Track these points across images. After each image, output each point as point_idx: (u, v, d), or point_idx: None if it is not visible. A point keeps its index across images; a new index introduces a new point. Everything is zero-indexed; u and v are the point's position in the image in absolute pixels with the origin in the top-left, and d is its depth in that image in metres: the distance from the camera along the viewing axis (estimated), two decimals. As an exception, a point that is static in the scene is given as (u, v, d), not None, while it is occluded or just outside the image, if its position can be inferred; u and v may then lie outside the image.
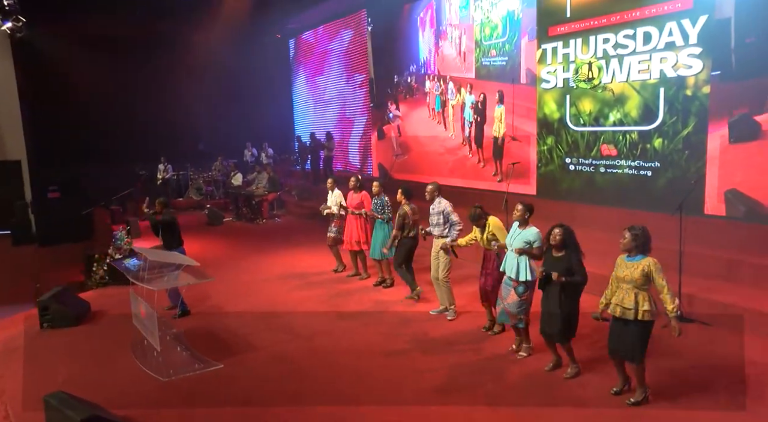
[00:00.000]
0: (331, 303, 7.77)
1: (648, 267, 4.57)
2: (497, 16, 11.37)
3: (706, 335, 6.11)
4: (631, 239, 4.66)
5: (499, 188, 10.90)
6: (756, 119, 7.37)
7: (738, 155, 7.64)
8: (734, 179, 7.70)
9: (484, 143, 11.81)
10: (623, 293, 4.65)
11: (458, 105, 12.53)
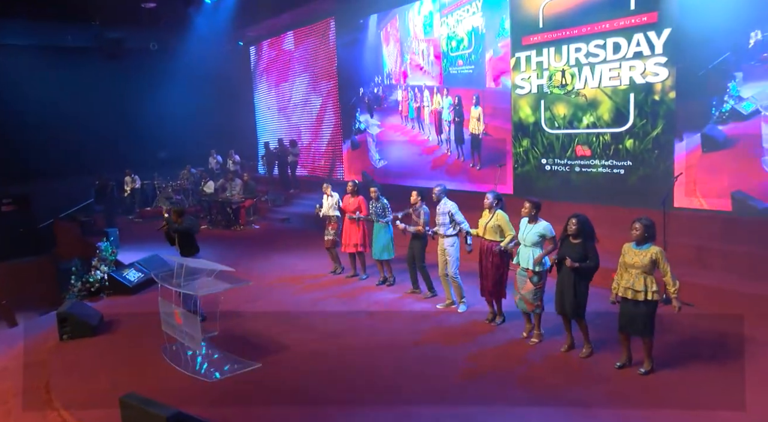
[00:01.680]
0: (344, 303, 8.17)
1: (656, 255, 5.25)
2: (463, 30, 12.23)
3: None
4: (644, 231, 5.32)
5: (480, 187, 11.54)
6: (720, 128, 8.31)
7: (701, 157, 8.54)
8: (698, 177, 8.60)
9: (464, 140, 12.53)
10: (633, 277, 5.31)
11: (434, 110, 13.14)
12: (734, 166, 8.17)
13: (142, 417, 4.63)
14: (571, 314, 5.77)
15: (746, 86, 7.98)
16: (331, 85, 16.88)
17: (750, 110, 7.92)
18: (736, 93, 8.08)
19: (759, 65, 7.88)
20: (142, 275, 9.78)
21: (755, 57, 7.91)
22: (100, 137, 18.86)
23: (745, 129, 8.02)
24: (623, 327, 5.49)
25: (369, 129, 15.29)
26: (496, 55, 11.48)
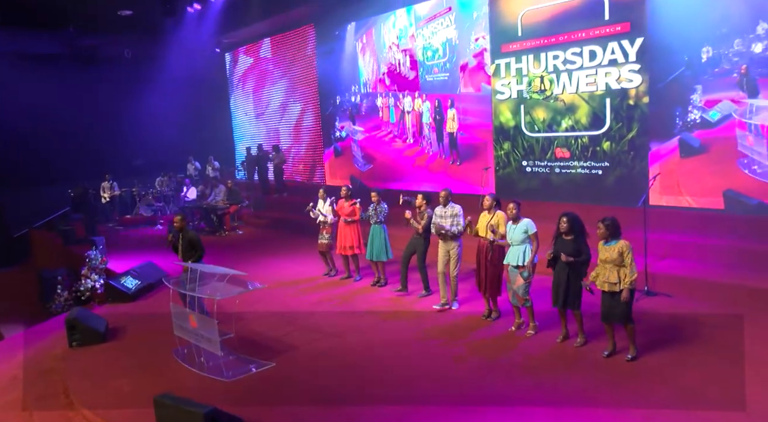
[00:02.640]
0: (343, 304, 8.50)
1: (622, 248, 5.76)
2: (438, 41, 12.84)
3: (668, 303, 7.42)
4: (605, 230, 5.84)
5: (460, 183, 11.98)
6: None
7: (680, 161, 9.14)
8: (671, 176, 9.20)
9: (444, 139, 13.07)
10: (608, 271, 5.81)
11: (414, 114, 13.58)
12: (713, 168, 8.76)
13: (178, 414, 4.90)
14: (571, 306, 6.21)
15: (706, 98, 8.67)
16: (310, 91, 17.16)
17: (717, 118, 8.58)
18: (699, 103, 8.73)
19: (712, 79, 8.59)
20: (139, 282, 9.92)
21: (708, 72, 8.61)
22: (74, 145, 18.75)
23: (717, 134, 8.65)
24: (605, 316, 5.96)
25: (353, 135, 15.63)
26: (470, 64, 12.11)
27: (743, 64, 8.24)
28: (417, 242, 8.33)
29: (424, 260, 8.37)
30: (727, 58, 8.45)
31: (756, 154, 8.23)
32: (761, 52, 8.11)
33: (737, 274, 7.61)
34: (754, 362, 5.61)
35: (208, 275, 6.82)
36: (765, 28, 8.05)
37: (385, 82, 14.43)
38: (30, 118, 18.09)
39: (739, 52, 8.32)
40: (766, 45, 8.06)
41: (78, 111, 19.14)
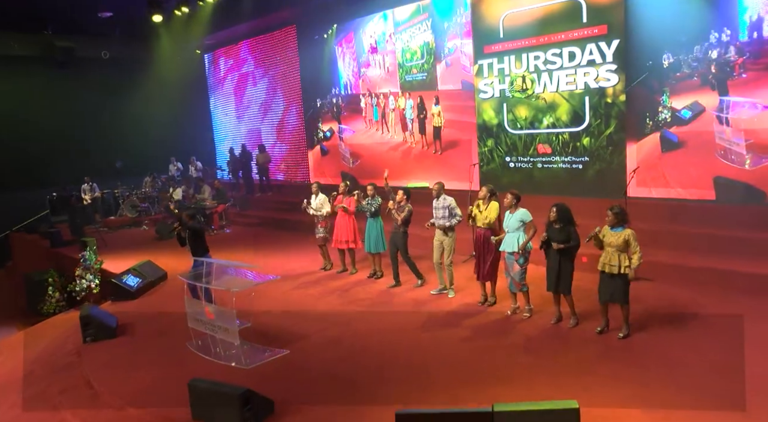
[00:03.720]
0: (343, 296, 8.89)
1: (628, 236, 6.29)
2: (416, 45, 13.49)
3: (650, 287, 8.00)
4: (614, 217, 6.36)
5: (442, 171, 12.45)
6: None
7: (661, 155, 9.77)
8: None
9: (426, 131, 13.65)
10: (610, 254, 6.34)
11: (398, 111, 14.07)
12: (694, 160, 9.42)
13: (214, 397, 5.25)
14: (563, 290, 6.73)
15: (674, 99, 9.43)
16: (293, 91, 17.47)
17: (688, 116, 9.29)
18: (668, 104, 9.45)
19: (675, 83, 9.38)
20: (140, 280, 10.14)
21: (670, 76, 9.38)
22: (52, 148, 18.70)
23: (692, 130, 9.36)
24: (604, 297, 6.50)
25: (339, 134, 16.00)
26: (446, 65, 12.83)
27: (712, 65, 8.90)
28: (397, 237, 8.77)
29: (406, 252, 8.81)
30: (687, 63, 9.22)
31: (734, 145, 8.89)
32: (717, 57, 8.90)
33: (708, 259, 8.26)
34: (730, 333, 6.22)
35: (220, 269, 7.15)
36: (716, 36, 8.87)
37: (366, 82, 14.85)
38: (5, 121, 18.01)
39: (697, 57, 9.11)
40: (719, 52, 8.86)
41: (56, 114, 19.09)
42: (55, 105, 19.24)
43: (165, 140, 19.96)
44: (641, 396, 5.19)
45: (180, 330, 7.88)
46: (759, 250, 8.03)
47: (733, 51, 8.74)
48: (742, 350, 5.84)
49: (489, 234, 7.59)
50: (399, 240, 8.74)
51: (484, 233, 7.64)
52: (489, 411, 4.46)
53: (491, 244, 7.59)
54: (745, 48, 8.66)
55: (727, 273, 7.80)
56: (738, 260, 8.01)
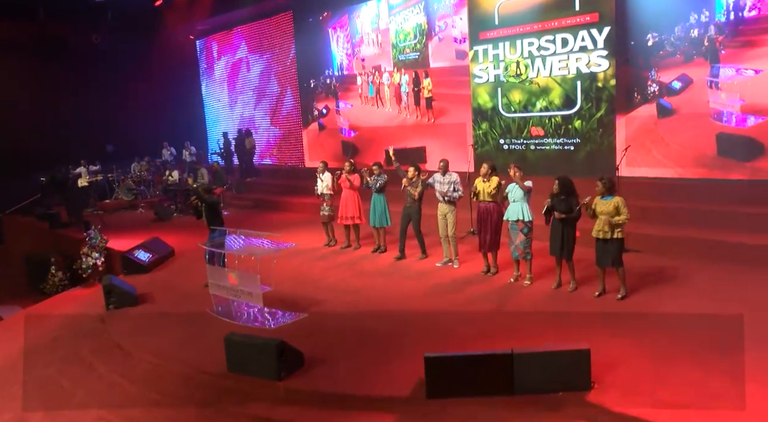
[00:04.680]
0: (351, 268, 9.34)
1: (617, 202, 6.84)
2: (409, 26, 14.00)
3: (642, 257, 8.59)
4: (602, 186, 6.91)
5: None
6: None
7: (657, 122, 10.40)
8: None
9: (421, 103, 14.18)
10: (602, 222, 6.88)
11: (393, 85, 14.68)
12: (688, 124, 10.01)
13: (250, 349, 5.68)
14: (565, 256, 7.27)
15: (662, 74, 10.13)
16: (287, 75, 17.77)
17: (678, 87, 9.97)
18: (657, 78, 10.16)
19: (659, 60, 10.11)
20: (151, 255, 10.46)
21: (654, 54, 10.08)
22: (43, 133, 18.72)
23: (683, 99, 10.01)
24: (599, 261, 7.06)
25: (337, 108, 16.41)
26: (439, 40, 13.53)
27: (705, 38, 9.61)
28: (411, 211, 9.23)
29: (419, 225, 9.29)
30: (670, 42, 10.00)
31: (728, 107, 9.50)
32: (697, 36, 9.67)
33: (694, 230, 8.87)
34: (715, 293, 6.86)
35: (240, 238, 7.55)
36: (696, 17, 9.64)
37: (361, 62, 15.40)
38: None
39: (679, 36, 9.86)
40: (699, 32, 9.67)
41: (46, 99, 19.11)
42: (47, 89, 19.25)
43: (156, 125, 20.09)
44: (641, 346, 5.74)
45: (198, 298, 8.29)
46: (740, 222, 8.67)
47: (713, 30, 9.45)
48: (726, 304, 6.49)
49: (492, 207, 8.09)
50: (414, 214, 9.20)
51: (487, 206, 8.14)
52: (509, 353, 4.98)
53: (493, 216, 8.10)
54: (724, 28, 9.37)
55: (712, 242, 8.42)
56: (721, 231, 8.63)
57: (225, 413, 5.50)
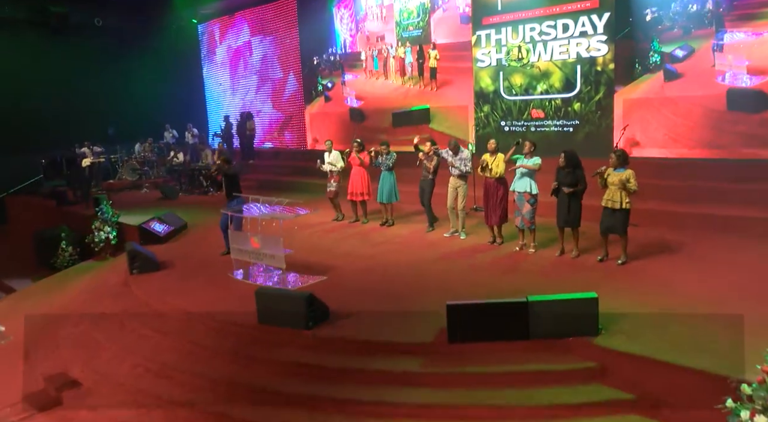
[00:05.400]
0: (362, 239, 9.75)
1: (627, 175, 7.29)
2: (413, 5, 14.42)
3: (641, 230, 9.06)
4: (616, 159, 7.36)
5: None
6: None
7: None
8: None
9: (425, 74, 14.50)
10: (612, 192, 7.33)
11: (398, 58, 15.08)
12: (695, 85, 10.40)
13: (280, 301, 6.10)
14: (572, 226, 7.73)
15: (663, 46, 10.61)
16: (290, 58, 18.07)
17: (681, 55, 10.41)
18: (659, 49, 10.62)
19: (658, 35, 10.63)
20: (166, 226, 10.80)
21: (653, 29, 10.64)
22: (43, 114, 18.87)
23: (687, 64, 10.44)
24: (605, 229, 7.52)
25: (342, 80, 16.73)
26: (443, 11, 13.94)
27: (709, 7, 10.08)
28: (425, 183, 9.67)
29: (430, 197, 9.73)
30: (668, 17, 10.51)
31: (734, 68, 9.90)
32: (695, 10, 10.21)
33: (687, 205, 9.40)
34: (708, 258, 7.36)
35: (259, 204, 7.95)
36: None
37: (366, 37, 15.79)
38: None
39: (677, 11, 10.39)
40: (697, 6, 10.17)
41: (48, 79, 19.22)
42: (48, 70, 19.35)
43: (157, 108, 20.28)
44: (641, 302, 6.21)
45: (217, 265, 8.69)
46: (730, 197, 9.23)
47: (711, 3, 9.99)
48: (717, 267, 7.01)
49: (498, 182, 8.55)
50: (427, 187, 9.65)
51: (494, 181, 8.60)
52: (524, 300, 5.44)
53: (500, 190, 8.56)
54: (721, 2, 9.89)
55: (704, 216, 8.95)
56: (713, 206, 9.18)
57: (257, 358, 5.92)
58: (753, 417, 4.05)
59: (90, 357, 6.75)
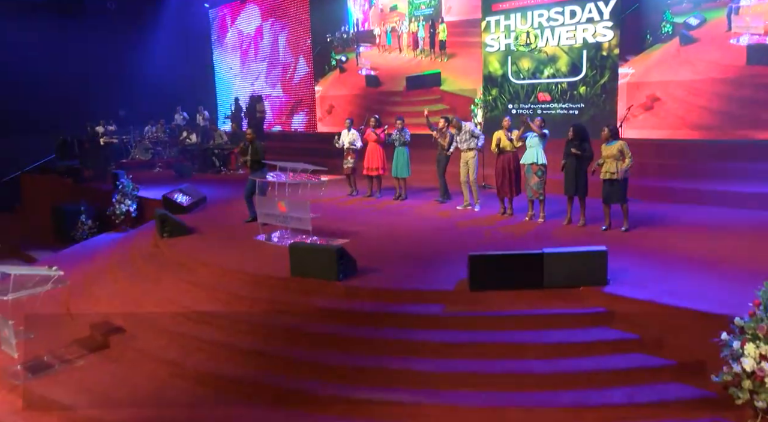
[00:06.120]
0: (378, 210, 10.27)
1: (620, 146, 7.83)
2: None
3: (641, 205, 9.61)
4: (608, 132, 7.90)
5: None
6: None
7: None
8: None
9: (436, 46, 14.93)
10: (608, 164, 7.87)
11: (411, 33, 15.55)
12: (710, 47, 10.71)
13: (313, 254, 6.61)
14: (579, 195, 8.26)
15: (675, 17, 10.98)
16: (301, 41, 18.51)
17: (695, 23, 10.74)
18: (671, 19, 10.96)
19: (669, 6, 10.97)
20: (189, 198, 11.27)
21: (663, 2, 11.00)
22: (55, 95, 19.21)
23: (701, 30, 10.75)
24: (606, 199, 8.05)
25: (357, 53, 17.16)
26: None
27: None
28: (441, 157, 10.21)
29: (445, 171, 10.27)
30: None
31: (752, 29, 10.19)
32: None
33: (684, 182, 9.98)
34: (702, 227, 7.91)
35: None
36: None
37: (379, 12, 16.25)
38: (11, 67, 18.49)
39: None
40: None
41: (61, 62, 19.57)
42: (61, 53, 19.72)
43: (168, 91, 20.68)
44: (645, 258, 6.79)
45: (243, 231, 9.20)
46: (719, 174, 9.92)
47: None
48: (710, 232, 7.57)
49: (510, 156, 9.07)
50: (442, 160, 10.23)
51: (507, 156, 9.10)
52: (540, 252, 5.96)
53: (512, 164, 9.08)
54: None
55: (698, 191, 9.55)
56: (705, 182, 9.84)
57: (292, 305, 6.44)
58: (743, 345, 4.61)
59: (130, 308, 7.24)
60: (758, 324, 4.59)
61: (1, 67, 18.16)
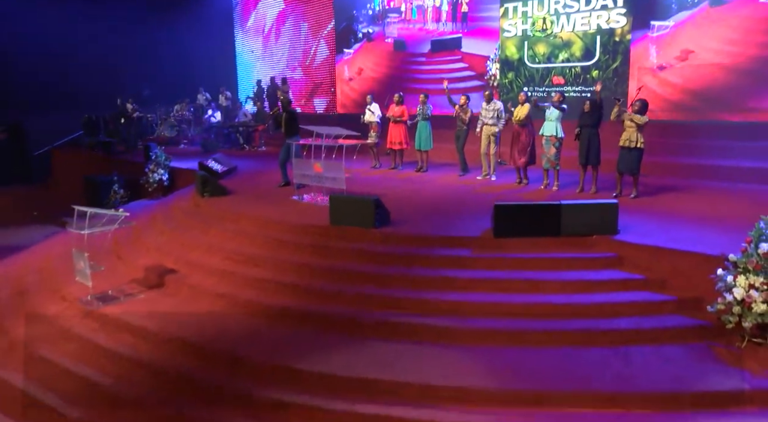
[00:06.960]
0: (402, 179, 10.96)
1: (647, 120, 8.49)
2: None
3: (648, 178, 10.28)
4: (640, 105, 8.54)
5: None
6: None
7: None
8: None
9: (457, 18, 15.53)
10: (629, 133, 8.52)
11: (434, 7, 16.17)
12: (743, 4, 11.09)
13: (351, 204, 7.32)
14: (593, 163, 8.95)
15: None
16: (323, 23, 19.17)
17: None
18: None
19: None
20: (222, 166, 11.98)
21: None
22: (83, 75, 19.87)
23: None
24: (622, 166, 8.71)
25: (385, 22, 17.73)
26: None
27: None
28: (461, 132, 10.90)
29: (464, 145, 10.97)
30: None
31: None
32: None
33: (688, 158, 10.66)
34: (703, 196, 8.58)
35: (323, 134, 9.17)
36: None
37: None
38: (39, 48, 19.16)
39: None
40: None
41: (85, 43, 20.20)
42: (85, 34, 20.35)
43: (191, 71, 21.37)
44: (652, 216, 7.52)
45: (278, 193, 9.89)
46: (717, 152, 10.60)
47: None
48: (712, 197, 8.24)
49: (522, 129, 9.76)
50: (462, 135, 10.93)
51: (519, 128, 9.80)
52: (558, 203, 6.67)
53: (523, 136, 9.77)
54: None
55: (700, 166, 10.24)
56: (706, 157, 10.54)
57: (334, 249, 7.16)
58: (736, 279, 5.31)
59: (180, 255, 7.96)
60: (749, 259, 5.30)
61: (28, 45, 18.89)
